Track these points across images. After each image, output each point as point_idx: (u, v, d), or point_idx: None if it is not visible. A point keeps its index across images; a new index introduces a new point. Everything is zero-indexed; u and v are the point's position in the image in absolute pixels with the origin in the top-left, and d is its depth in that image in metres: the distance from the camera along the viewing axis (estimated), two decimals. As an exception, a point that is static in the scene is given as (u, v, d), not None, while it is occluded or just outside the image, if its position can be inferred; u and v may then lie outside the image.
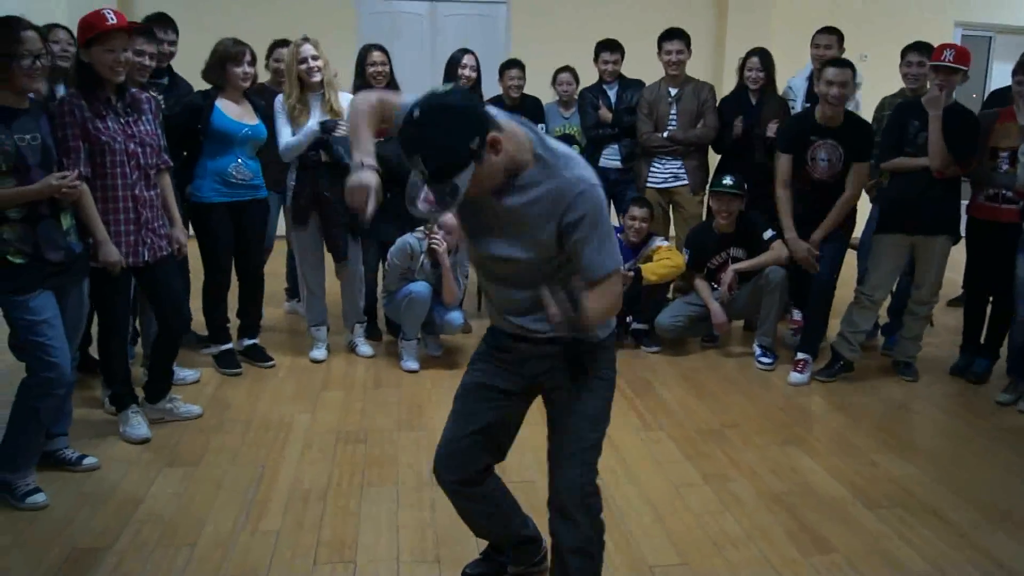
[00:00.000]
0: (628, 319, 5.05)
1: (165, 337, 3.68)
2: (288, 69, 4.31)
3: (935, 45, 4.34)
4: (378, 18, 8.36)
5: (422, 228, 4.49)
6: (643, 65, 5.62)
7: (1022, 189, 4.03)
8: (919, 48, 4.66)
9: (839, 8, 8.21)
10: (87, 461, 3.27)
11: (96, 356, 3.83)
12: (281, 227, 4.74)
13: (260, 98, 4.35)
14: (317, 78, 4.25)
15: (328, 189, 4.31)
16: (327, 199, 4.32)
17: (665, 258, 4.82)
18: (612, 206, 5.74)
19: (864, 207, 4.77)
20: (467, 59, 4.89)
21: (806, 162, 4.39)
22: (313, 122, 4.22)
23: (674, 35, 5.22)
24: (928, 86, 4.32)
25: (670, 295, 5.19)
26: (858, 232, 4.86)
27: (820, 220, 4.42)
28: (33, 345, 2.91)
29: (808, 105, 4.86)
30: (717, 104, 5.29)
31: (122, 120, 3.29)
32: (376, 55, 4.59)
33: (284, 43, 4.98)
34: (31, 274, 2.89)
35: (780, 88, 5.37)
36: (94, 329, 3.79)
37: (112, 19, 3.14)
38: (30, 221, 2.90)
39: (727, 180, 4.73)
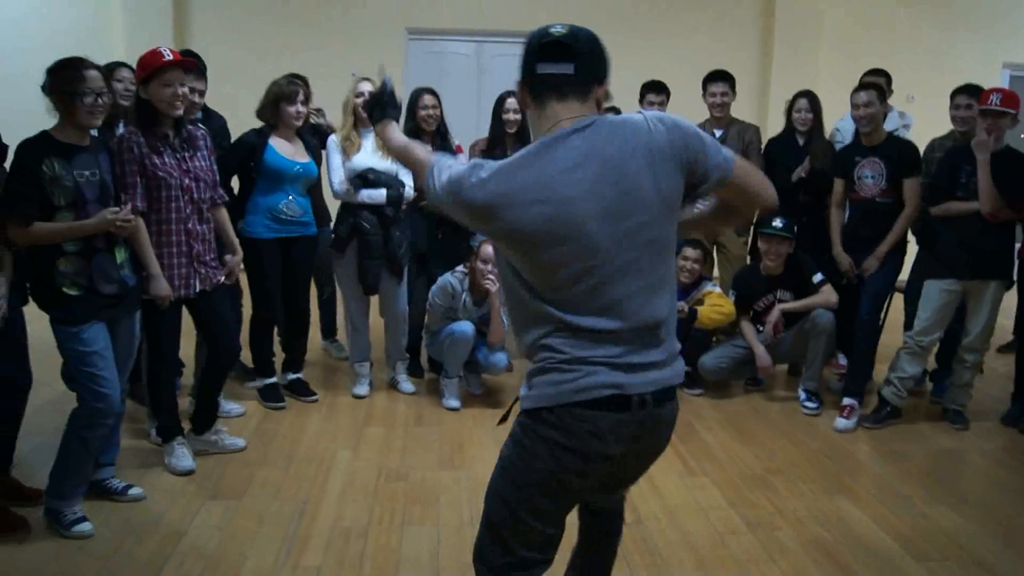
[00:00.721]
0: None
1: (214, 367, 3.73)
2: (345, 103, 4.43)
3: (983, 86, 4.31)
4: (427, 58, 8.51)
5: (461, 267, 4.51)
6: (688, 107, 5.63)
7: None
8: (967, 91, 4.63)
9: (885, 49, 8.17)
10: (132, 491, 3.31)
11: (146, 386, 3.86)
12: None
13: (312, 136, 4.45)
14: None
15: (367, 220, 4.38)
16: (366, 230, 4.38)
17: (717, 305, 4.80)
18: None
19: (910, 250, 4.72)
20: (509, 102, 4.95)
21: (855, 182, 4.55)
22: (381, 193, 4.36)
23: (719, 77, 5.25)
24: (977, 129, 4.28)
25: (715, 339, 5.14)
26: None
27: (869, 238, 4.50)
28: (84, 375, 2.97)
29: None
30: (764, 145, 5.28)
31: (178, 156, 3.38)
32: (428, 98, 4.69)
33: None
34: (84, 306, 2.96)
35: (827, 129, 5.34)
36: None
37: (168, 55, 3.26)
38: (85, 254, 2.97)
39: (777, 223, 4.70)
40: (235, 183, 4.38)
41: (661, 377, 1.85)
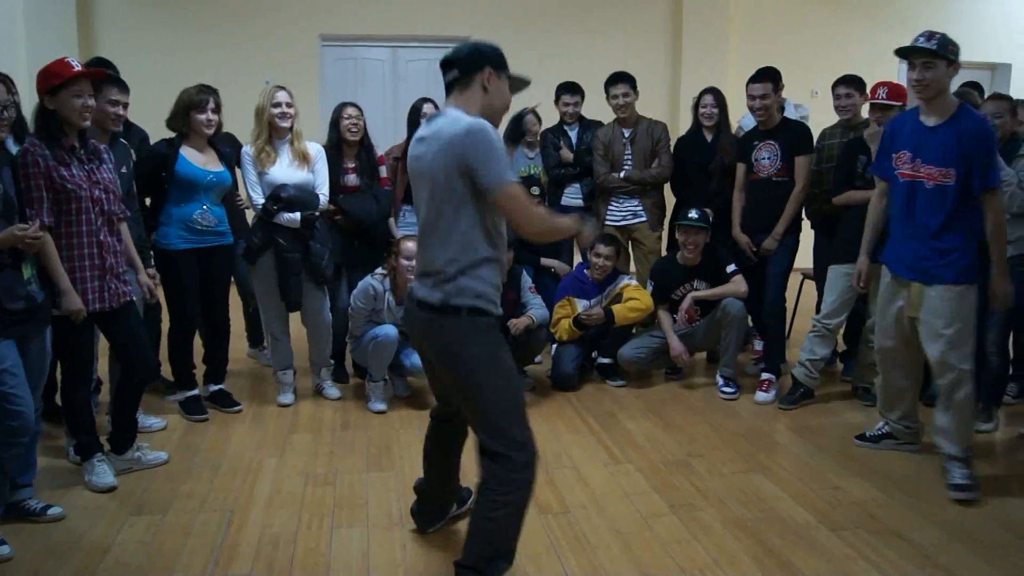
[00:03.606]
0: (594, 354, 5.12)
1: (129, 384, 3.64)
2: (259, 112, 4.39)
3: (881, 80, 4.51)
4: (341, 64, 8.47)
5: (381, 269, 4.52)
6: (603, 105, 5.75)
7: None
8: (846, 81, 4.93)
9: (792, 46, 8.45)
10: (52, 511, 3.23)
11: (60, 405, 3.77)
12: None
13: (226, 145, 4.40)
14: (287, 124, 4.38)
15: (283, 237, 4.37)
16: (283, 247, 4.36)
17: (635, 299, 4.90)
18: (576, 243, 5.83)
19: (807, 232, 4.96)
20: (426, 108, 4.97)
21: (753, 165, 4.84)
22: (295, 217, 4.34)
23: (619, 79, 5.36)
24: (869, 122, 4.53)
25: (633, 331, 5.26)
26: (806, 263, 5.02)
27: (767, 215, 4.78)
28: (-5, 394, 2.89)
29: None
30: (673, 143, 5.42)
31: (86, 167, 3.31)
32: (350, 110, 4.76)
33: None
34: (-9, 323, 2.88)
35: (733, 126, 5.51)
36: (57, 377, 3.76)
37: (77, 66, 3.23)
38: (-9, 271, 2.90)
39: (693, 214, 4.85)
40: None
41: (425, 294, 2.58)
